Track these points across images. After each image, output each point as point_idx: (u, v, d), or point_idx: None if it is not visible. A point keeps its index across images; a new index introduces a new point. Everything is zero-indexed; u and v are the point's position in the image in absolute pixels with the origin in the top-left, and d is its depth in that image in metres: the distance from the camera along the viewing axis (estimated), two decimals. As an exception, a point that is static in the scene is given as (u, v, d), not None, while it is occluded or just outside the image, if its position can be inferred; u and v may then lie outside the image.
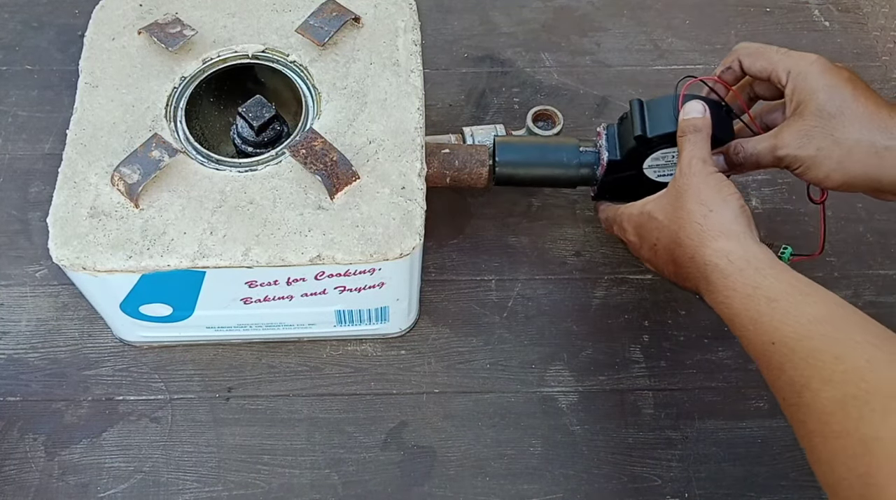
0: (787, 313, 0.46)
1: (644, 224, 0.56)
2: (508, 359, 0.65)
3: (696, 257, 0.51)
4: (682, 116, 0.56)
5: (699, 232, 0.51)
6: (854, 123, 0.52)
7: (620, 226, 0.59)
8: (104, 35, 0.60)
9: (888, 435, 0.38)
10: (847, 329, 0.44)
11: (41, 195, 0.71)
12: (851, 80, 0.53)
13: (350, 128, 0.57)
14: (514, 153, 0.64)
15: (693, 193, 0.52)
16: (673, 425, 0.62)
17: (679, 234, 0.52)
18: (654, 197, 0.56)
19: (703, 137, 0.54)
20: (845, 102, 0.52)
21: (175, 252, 0.52)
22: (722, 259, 0.49)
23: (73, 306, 0.66)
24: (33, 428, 0.61)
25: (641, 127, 0.58)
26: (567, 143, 0.64)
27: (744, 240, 0.50)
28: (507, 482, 0.60)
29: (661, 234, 0.54)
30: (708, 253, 0.50)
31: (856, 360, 0.42)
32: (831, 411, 0.41)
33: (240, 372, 0.64)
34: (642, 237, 0.56)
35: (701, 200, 0.52)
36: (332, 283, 0.55)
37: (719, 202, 0.51)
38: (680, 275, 0.54)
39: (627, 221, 0.58)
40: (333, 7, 0.60)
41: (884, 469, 0.38)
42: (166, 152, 0.53)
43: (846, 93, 0.52)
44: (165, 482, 0.60)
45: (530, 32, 0.83)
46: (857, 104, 0.52)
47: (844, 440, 0.40)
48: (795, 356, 0.44)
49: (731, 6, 0.85)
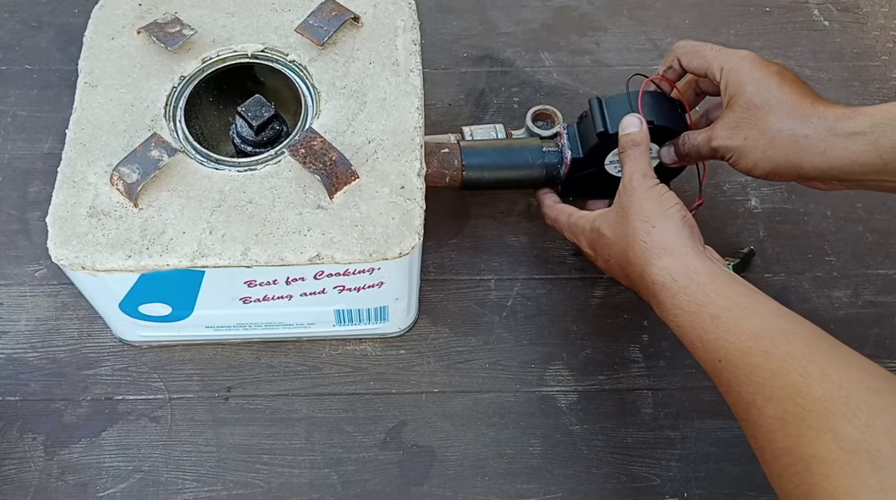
0: (728, 330, 0.46)
1: (595, 240, 0.57)
2: (508, 359, 0.65)
3: (644, 276, 0.52)
4: (620, 132, 0.58)
5: (644, 250, 0.52)
6: (777, 114, 0.54)
7: (573, 235, 0.60)
8: (103, 35, 0.60)
9: (823, 454, 0.38)
10: (783, 343, 0.44)
11: (40, 195, 0.71)
12: (779, 73, 0.55)
13: (349, 127, 0.57)
14: (479, 157, 0.64)
15: (636, 209, 0.53)
16: (672, 424, 0.62)
17: (627, 252, 0.53)
18: (601, 213, 0.57)
19: (643, 150, 0.56)
20: (770, 94, 0.54)
21: (174, 252, 0.52)
22: (667, 277, 0.50)
23: (73, 305, 0.66)
24: (33, 428, 0.61)
25: (603, 124, 0.61)
26: (530, 144, 0.65)
27: (685, 255, 0.51)
28: (507, 481, 0.60)
29: (611, 251, 0.55)
30: (654, 271, 0.51)
31: (791, 376, 0.42)
32: (774, 428, 0.42)
33: (239, 372, 0.64)
34: (596, 251, 0.58)
35: (644, 217, 0.53)
36: (331, 282, 0.55)
37: (661, 216, 0.53)
38: (634, 289, 0.55)
39: (581, 234, 0.59)
40: (333, 6, 0.60)
41: (821, 488, 0.38)
42: (165, 152, 0.53)
43: (772, 85, 0.54)
44: (165, 481, 0.60)
45: (530, 32, 0.83)
46: (781, 95, 0.54)
47: (787, 458, 0.40)
48: (739, 373, 0.45)
49: (731, 6, 0.85)
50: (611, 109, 0.61)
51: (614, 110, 0.60)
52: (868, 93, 0.79)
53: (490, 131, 0.68)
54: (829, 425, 0.39)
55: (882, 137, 0.50)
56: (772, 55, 0.81)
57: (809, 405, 0.40)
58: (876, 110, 0.52)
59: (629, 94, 0.60)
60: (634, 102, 0.59)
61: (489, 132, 0.68)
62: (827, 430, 0.39)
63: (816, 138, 0.52)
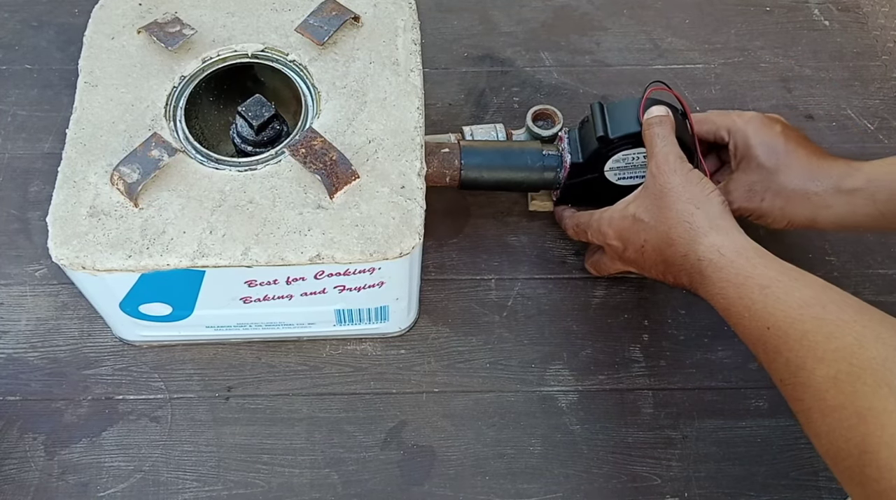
0: (778, 298, 0.48)
1: (629, 227, 0.57)
2: (508, 358, 0.65)
3: (689, 254, 0.53)
4: (646, 115, 0.58)
5: (688, 230, 0.53)
6: (790, 176, 0.58)
7: (599, 231, 0.60)
8: (103, 34, 0.60)
9: (880, 406, 0.41)
10: (835, 310, 0.46)
11: (41, 194, 0.71)
12: (784, 134, 0.59)
13: (349, 127, 0.57)
14: (479, 158, 0.64)
15: (677, 192, 0.54)
16: (673, 424, 0.62)
17: (669, 233, 0.54)
18: (632, 199, 0.58)
19: (670, 129, 0.57)
20: (780, 157, 0.58)
21: (174, 251, 0.52)
22: (714, 253, 0.52)
23: (73, 305, 0.66)
24: (33, 427, 0.61)
25: (603, 128, 0.60)
26: (530, 146, 0.65)
27: (732, 233, 0.53)
28: (507, 481, 0.60)
29: (648, 235, 0.56)
30: (701, 249, 0.52)
31: (845, 339, 0.44)
32: (826, 387, 0.43)
33: (239, 371, 0.64)
34: (627, 240, 0.58)
35: (687, 199, 0.54)
36: (331, 282, 0.55)
37: (703, 199, 0.54)
38: (670, 272, 0.55)
39: (608, 225, 0.59)
40: (333, 6, 0.60)
41: (876, 437, 0.40)
42: (166, 152, 0.53)
43: (780, 148, 0.59)
44: (165, 481, 0.60)
45: (530, 32, 0.83)
46: (791, 158, 0.58)
47: (840, 413, 0.42)
48: (790, 339, 0.46)
49: (731, 5, 0.85)
50: (612, 114, 0.60)
51: (616, 115, 0.60)
52: (868, 93, 0.79)
53: (490, 131, 0.68)
54: (887, 380, 0.41)
55: (877, 191, 0.56)
56: (772, 55, 0.81)
57: (865, 364, 0.42)
58: (869, 167, 0.57)
59: (636, 100, 0.59)
60: (637, 107, 0.59)
61: (489, 132, 0.68)
62: (884, 385, 0.41)
63: (825, 194, 0.57)
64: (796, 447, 0.61)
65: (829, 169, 0.58)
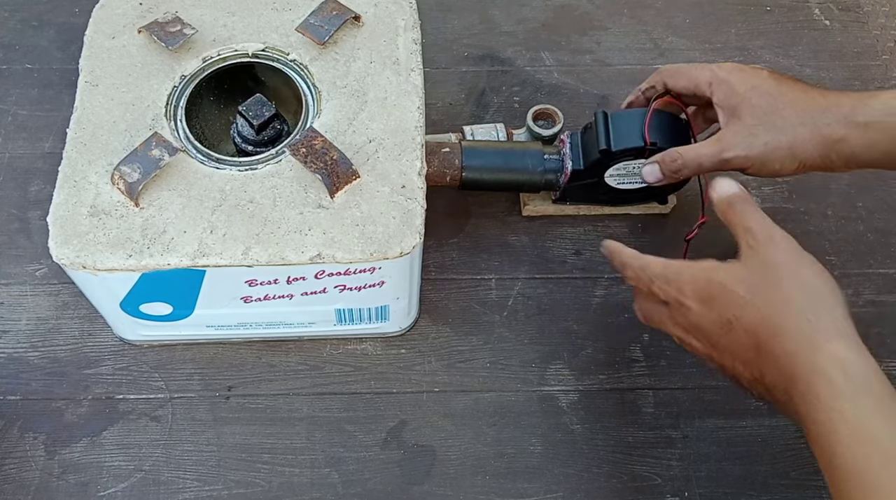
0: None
1: (716, 295, 0.47)
2: (508, 358, 0.65)
3: (801, 356, 0.43)
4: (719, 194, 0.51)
5: (809, 329, 0.44)
6: (792, 112, 0.53)
7: (675, 286, 0.49)
8: (104, 34, 0.60)
9: None
10: None
11: (41, 194, 0.71)
12: (772, 76, 0.55)
13: (350, 127, 0.57)
14: (479, 158, 0.64)
15: (790, 272, 0.46)
16: (673, 424, 0.62)
17: (776, 320, 0.45)
18: (723, 265, 0.48)
19: (756, 205, 0.51)
20: (776, 97, 0.54)
21: (175, 251, 0.52)
22: (838, 372, 0.42)
23: (73, 304, 0.66)
24: (33, 427, 0.61)
25: (606, 141, 0.60)
26: (532, 148, 0.65)
27: (859, 346, 0.43)
28: (507, 480, 0.60)
29: (743, 312, 0.46)
30: (822, 359, 0.43)
31: None
32: None
33: (240, 371, 0.64)
34: (710, 307, 0.48)
35: (804, 287, 0.46)
36: (332, 282, 0.55)
37: (828, 294, 0.45)
38: (759, 365, 0.46)
39: (690, 282, 0.49)
40: (333, 6, 0.60)
41: None
42: (166, 151, 0.53)
43: (772, 89, 0.54)
44: (165, 480, 0.60)
45: (530, 31, 0.83)
46: (788, 95, 0.54)
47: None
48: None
49: (732, 5, 0.85)
50: (616, 125, 0.60)
51: (619, 127, 0.60)
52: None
53: (491, 131, 0.68)
54: None
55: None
56: (773, 54, 0.81)
57: None
58: (887, 97, 0.52)
59: (642, 112, 0.59)
60: (642, 120, 0.58)
61: (490, 132, 0.68)
62: None
63: (837, 126, 0.52)
64: (796, 447, 0.61)
65: (837, 100, 0.52)
